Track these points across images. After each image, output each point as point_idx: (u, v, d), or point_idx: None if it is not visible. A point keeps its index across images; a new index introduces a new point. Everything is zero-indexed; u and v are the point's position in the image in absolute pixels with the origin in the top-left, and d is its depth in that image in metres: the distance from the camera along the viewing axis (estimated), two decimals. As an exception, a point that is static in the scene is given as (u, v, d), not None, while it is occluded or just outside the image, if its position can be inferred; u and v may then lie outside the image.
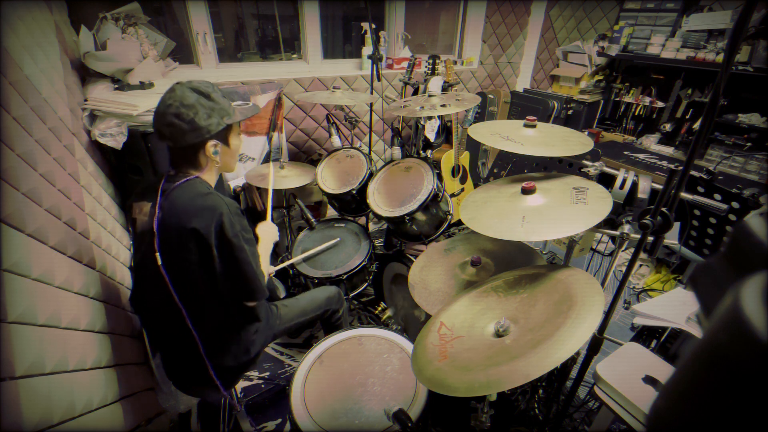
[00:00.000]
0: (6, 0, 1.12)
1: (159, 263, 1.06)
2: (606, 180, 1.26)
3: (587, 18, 3.99)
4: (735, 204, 1.22)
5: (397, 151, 2.07)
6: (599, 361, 1.23)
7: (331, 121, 2.23)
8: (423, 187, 1.73)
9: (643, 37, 3.59)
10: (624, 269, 1.03)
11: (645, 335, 1.59)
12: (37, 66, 1.24)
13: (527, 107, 3.49)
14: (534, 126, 1.29)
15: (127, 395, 1.13)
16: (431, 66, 2.53)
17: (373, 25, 2.12)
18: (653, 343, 1.56)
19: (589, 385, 1.32)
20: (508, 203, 1.12)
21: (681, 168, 0.85)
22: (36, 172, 1.00)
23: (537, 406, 1.55)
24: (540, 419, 1.51)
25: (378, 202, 1.83)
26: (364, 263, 1.86)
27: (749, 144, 3.10)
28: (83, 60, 1.76)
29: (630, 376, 1.16)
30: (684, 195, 1.17)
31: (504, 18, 3.58)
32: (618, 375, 1.17)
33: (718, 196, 1.25)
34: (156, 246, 1.06)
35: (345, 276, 1.81)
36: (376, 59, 2.07)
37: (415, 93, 2.69)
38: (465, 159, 2.84)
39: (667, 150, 3.55)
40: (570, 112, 3.56)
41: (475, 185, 3.05)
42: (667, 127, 3.56)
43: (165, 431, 1.42)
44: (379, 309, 2.13)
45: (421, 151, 2.63)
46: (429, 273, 1.44)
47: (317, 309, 1.56)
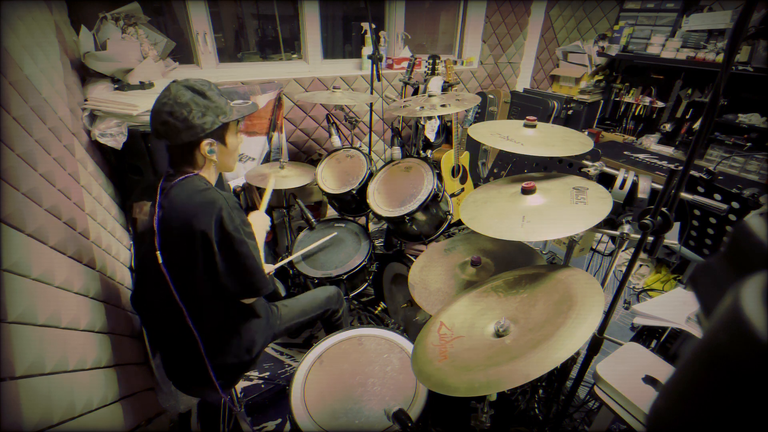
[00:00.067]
0: (6, 0, 1.12)
1: (160, 262, 1.06)
2: (606, 180, 1.26)
3: (587, 18, 3.99)
4: (735, 204, 1.22)
5: (397, 151, 2.07)
6: (599, 361, 1.23)
7: (331, 121, 2.23)
8: (423, 187, 1.73)
9: (643, 37, 3.59)
10: (624, 269, 1.03)
11: (645, 335, 1.59)
12: (37, 66, 1.24)
13: (527, 107, 3.49)
14: (534, 126, 1.28)
15: (127, 395, 1.13)
16: (431, 66, 2.53)
17: (373, 25, 2.12)
18: (653, 343, 1.56)
19: (589, 385, 1.32)
20: (508, 203, 1.12)
21: (681, 168, 0.85)
22: (36, 172, 1.00)
23: (537, 406, 1.55)
24: (540, 419, 1.51)
25: (378, 202, 1.83)
26: (364, 263, 1.86)
27: (749, 144, 3.10)
28: (83, 60, 1.76)
29: (630, 376, 1.16)
30: (684, 195, 1.17)
31: (504, 18, 3.58)
32: (618, 375, 1.17)
33: (718, 196, 1.25)
34: (156, 245, 1.06)
35: (345, 276, 1.81)
36: (376, 59, 2.07)
37: (415, 93, 2.69)
38: (465, 159, 2.84)
39: (667, 150, 3.55)
40: (570, 112, 3.56)
41: (475, 185, 3.05)
42: (667, 127, 3.56)
43: (165, 431, 1.42)
44: (379, 309, 2.13)
45: (421, 151, 2.63)
46: (429, 273, 1.44)
47: (317, 309, 1.56)
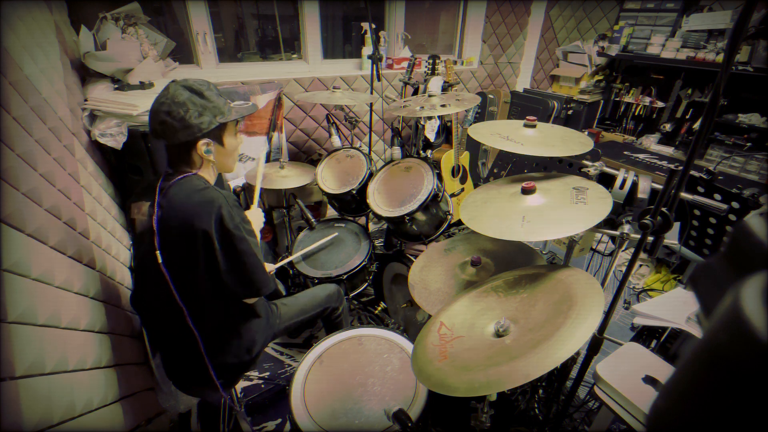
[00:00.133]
0: (6, 0, 1.12)
1: (159, 261, 1.06)
2: (606, 180, 1.26)
3: (587, 18, 3.99)
4: (735, 204, 1.22)
5: (397, 151, 2.07)
6: (599, 361, 1.23)
7: (331, 121, 2.23)
8: (423, 187, 1.73)
9: (643, 37, 3.59)
10: (624, 269, 1.03)
11: (645, 335, 1.59)
12: (37, 66, 1.23)
13: (527, 107, 3.49)
14: (534, 126, 1.28)
15: (127, 395, 1.13)
16: (431, 66, 2.53)
17: (373, 25, 2.12)
18: (653, 343, 1.56)
19: (589, 385, 1.32)
20: (508, 203, 1.12)
21: (681, 168, 0.85)
22: (36, 172, 1.00)
23: (537, 406, 1.55)
24: (540, 419, 1.51)
25: (378, 202, 1.83)
26: (364, 263, 1.86)
27: (749, 144, 3.10)
28: (83, 60, 1.76)
29: (630, 376, 1.16)
30: (684, 195, 1.17)
31: (504, 18, 3.58)
32: (618, 375, 1.17)
33: (718, 196, 1.25)
34: (156, 244, 1.06)
35: (345, 276, 1.81)
36: (376, 59, 2.07)
37: (415, 93, 2.69)
38: (465, 159, 2.84)
39: (667, 150, 3.55)
40: (570, 112, 3.56)
41: (475, 185, 3.05)
42: (667, 127, 3.56)
43: (165, 431, 1.42)
44: (379, 309, 2.13)
45: (421, 151, 2.63)
46: (429, 273, 1.44)
47: (317, 307, 1.56)
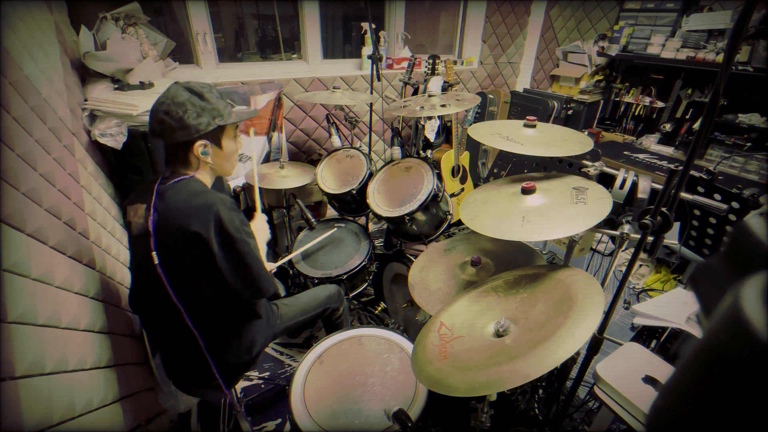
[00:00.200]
0: (6, 0, 1.12)
1: (155, 262, 1.06)
2: (606, 180, 1.26)
3: (587, 18, 3.99)
4: (735, 204, 1.22)
5: (397, 151, 2.07)
6: (599, 361, 1.23)
7: (331, 121, 2.23)
8: (423, 187, 1.73)
9: (643, 37, 3.59)
10: (624, 269, 1.03)
11: (645, 335, 1.59)
12: (37, 66, 1.24)
13: (527, 107, 3.49)
14: (534, 126, 1.28)
15: (127, 395, 1.13)
16: (431, 66, 2.53)
17: (373, 25, 2.12)
18: (653, 343, 1.56)
19: (589, 385, 1.32)
20: (508, 203, 1.12)
21: (681, 168, 0.85)
22: (36, 172, 1.00)
23: (537, 406, 1.55)
24: (540, 419, 1.51)
25: (378, 202, 1.83)
26: (364, 263, 1.86)
27: (749, 144, 3.10)
28: (83, 60, 1.76)
29: (630, 376, 1.16)
30: (684, 195, 1.17)
31: (504, 18, 3.58)
32: (618, 375, 1.17)
33: (718, 196, 1.25)
34: (152, 246, 1.06)
35: (345, 276, 1.81)
36: (376, 59, 2.07)
37: (415, 93, 2.69)
38: (465, 159, 2.84)
39: (667, 150, 3.55)
40: (570, 112, 3.56)
41: (475, 185, 3.05)
42: (667, 127, 3.56)
43: (165, 431, 1.42)
44: (379, 309, 2.13)
45: (421, 151, 2.63)
46: (429, 273, 1.44)
47: (318, 307, 1.56)
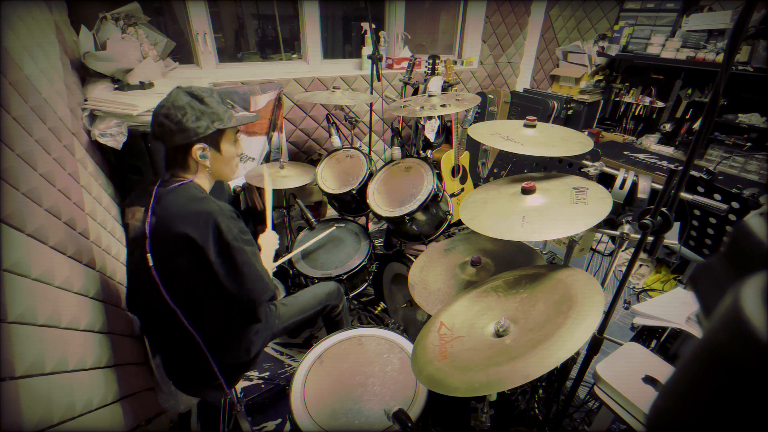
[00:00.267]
0: (6, 0, 1.12)
1: (150, 264, 1.06)
2: (606, 180, 1.26)
3: (587, 18, 3.98)
4: (735, 204, 1.22)
5: (397, 151, 2.07)
6: (599, 361, 1.23)
7: (331, 121, 2.23)
8: (423, 187, 1.73)
9: (643, 37, 3.58)
10: (624, 269, 1.03)
11: (645, 335, 1.59)
12: (37, 66, 1.23)
13: (527, 107, 3.49)
14: (534, 126, 1.28)
15: (127, 395, 1.13)
16: (431, 66, 2.54)
17: (373, 25, 2.12)
18: (653, 343, 1.56)
19: (589, 385, 1.32)
20: (508, 203, 1.12)
21: (681, 168, 0.85)
22: (36, 172, 1.00)
23: (537, 406, 1.55)
24: (540, 419, 1.51)
25: (378, 202, 1.83)
26: (364, 263, 1.86)
27: (749, 144, 3.10)
28: (83, 60, 1.76)
29: (630, 376, 1.16)
30: (684, 195, 1.17)
31: (504, 18, 3.58)
32: (618, 375, 1.17)
33: (718, 196, 1.25)
34: (148, 248, 1.06)
35: (345, 276, 1.81)
36: (376, 59, 2.07)
37: (415, 93, 2.69)
38: (465, 159, 2.84)
39: (667, 150, 3.55)
40: (570, 112, 3.56)
41: (475, 185, 3.05)
42: (667, 127, 3.56)
43: (165, 431, 1.42)
44: (379, 309, 2.13)
45: (421, 151, 2.63)
46: (429, 273, 1.44)
47: (318, 305, 1.56)
